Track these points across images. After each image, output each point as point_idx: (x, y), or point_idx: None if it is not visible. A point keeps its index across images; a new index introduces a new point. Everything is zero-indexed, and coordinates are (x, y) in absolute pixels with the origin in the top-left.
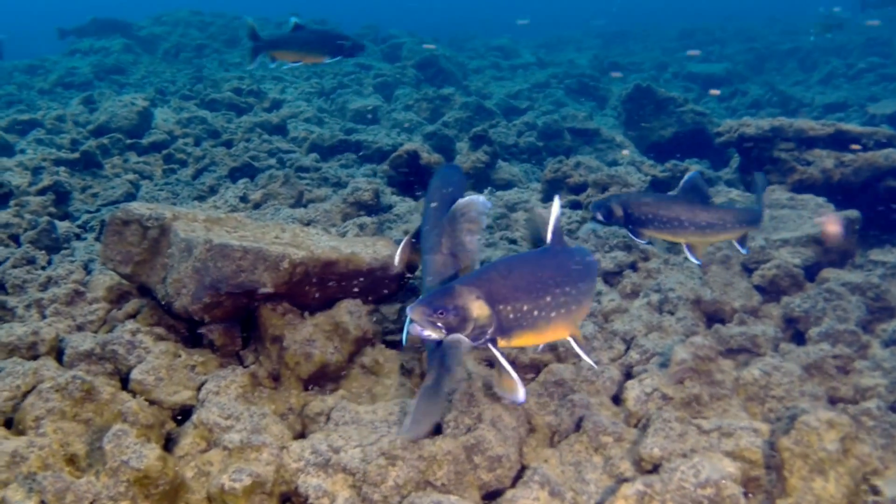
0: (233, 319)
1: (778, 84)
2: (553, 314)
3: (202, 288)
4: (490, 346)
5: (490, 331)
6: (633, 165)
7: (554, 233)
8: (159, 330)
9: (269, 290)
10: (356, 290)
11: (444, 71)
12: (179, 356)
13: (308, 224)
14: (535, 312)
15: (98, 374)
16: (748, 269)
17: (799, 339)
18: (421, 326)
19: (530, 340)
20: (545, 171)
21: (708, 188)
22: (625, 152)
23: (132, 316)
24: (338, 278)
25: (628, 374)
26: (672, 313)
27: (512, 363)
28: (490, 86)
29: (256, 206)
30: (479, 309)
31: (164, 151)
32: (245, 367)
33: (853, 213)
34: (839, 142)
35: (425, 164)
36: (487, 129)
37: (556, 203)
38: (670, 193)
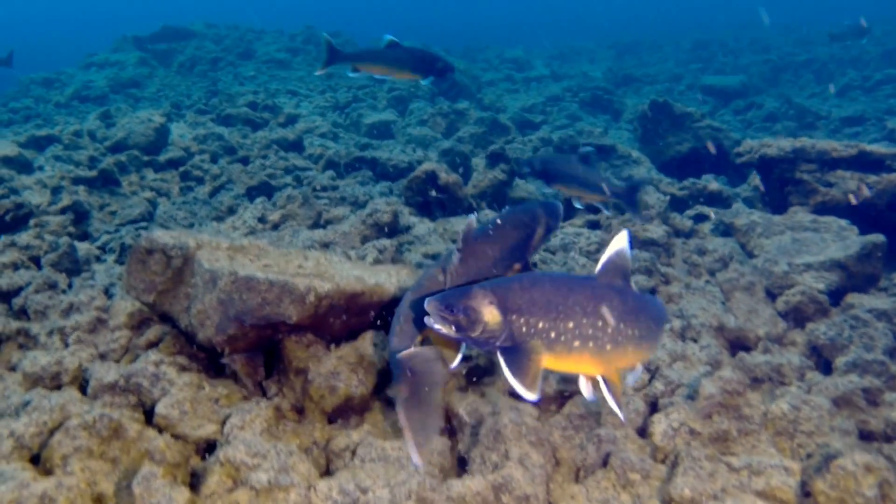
0: (256, 349)
1: (794, 97)
2: (576, 343)
3: (227, 320)
4: (498, 353)
5: (500, 339)
6: (651, 184)
7: (605, 265)
8: (182, 359)
9: (293, 322)
10: (380, 320)
11: (458, 84)
12: (203, 388)
13: (327, 246)
14: (553, 334)
15: (122, 405)
16: (772, 295)
17: (825, 367)
18: (433, 320)
19: (545, 362)
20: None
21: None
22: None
23: (154, 343)
24: (362, 309)
25: (653, 406)
26: (695, 341)
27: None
28: (504, 99)
29: (275, 226)
30: (490, 314)
31: (181, 168)
32: (268, 398)
33: (879, 238)
34: (862, 163)
35: (443, 184)
36: (504, 147)
37: (622, 236)
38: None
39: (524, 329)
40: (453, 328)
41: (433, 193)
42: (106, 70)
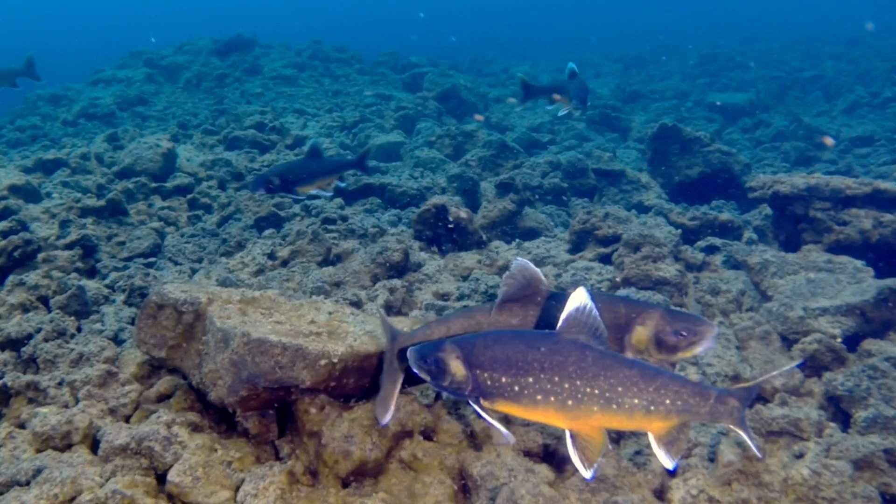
0: (268, 408)
1: (802, 114)
2: (539, 397)
3: (239, 381)
4: (471, 402)
5: (467, 390)
6: (661, 214)
7: (566, 321)
8: (193, 416)
9: (307, 386)
10: None
11: (465, 102)
12: (216, 451)
13: (338, 286)
14: (517, 388)
15: (134, 469)
16: (787, 341)
17: (843, 417)
18: (413, 367)
19: (516, 412)
20: (573, 222)
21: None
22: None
23: (165, 396)
24: (375, 369)
25: None
26: None
27: (551, 454)
28: (511, 117)
29: (284, 263)
30: (455, 368)
31: (189, 196)
32: (280, 458)
33: None
34: (877, 201)
35: (454, 218)
36: (514, 177)
37: (580, 292)
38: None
39: (489, 383)
40: (428, 377)
41: (443, 230)
42: (113, 87)
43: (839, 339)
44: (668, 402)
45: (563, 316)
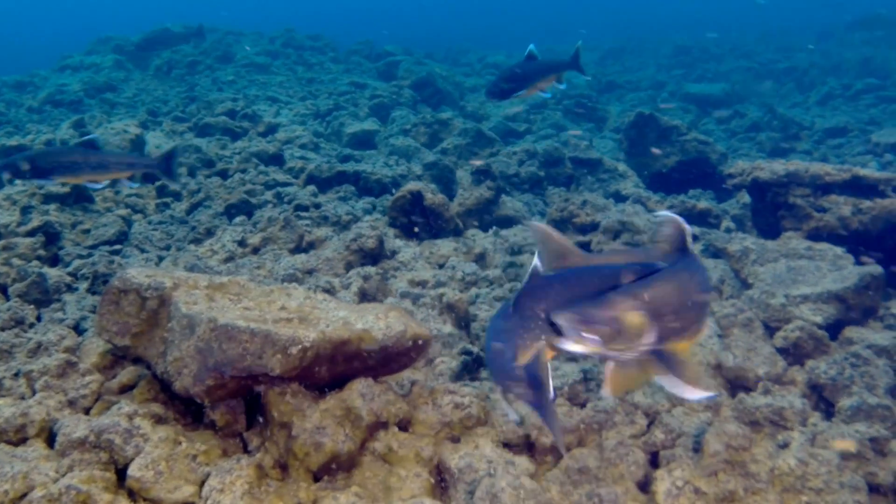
0: (236, 398)
1: (776, 105)
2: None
3: (205, 370)
4: (650, 359)
5: (648, 343)
6: (639, 202)
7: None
8: (157, 407)
9: (276, 374)
10: (367, 367)
11: (440, 91)
12: (180, 443)
13: (310, 273)
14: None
15: (93, 463)
16: (769, 329)
17: (825, 405)
18: (570, 336)
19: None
20: (551, 210)
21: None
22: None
23: (128, 387)
24: (348, 357)
25: (653, 456)
26: None
27: (531, 445)
28: (487, 106)
29: (255, 250)
30: (636, 319)
31: (157, 183)
32: (249, 451)
33: (877, 270)
34: (856, 187)
35: (429, 205)
36: (490, 164)
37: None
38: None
39: (667, 328)
40: (594, 342)
41: (419, 219)
42: (81, 73)
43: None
44: None
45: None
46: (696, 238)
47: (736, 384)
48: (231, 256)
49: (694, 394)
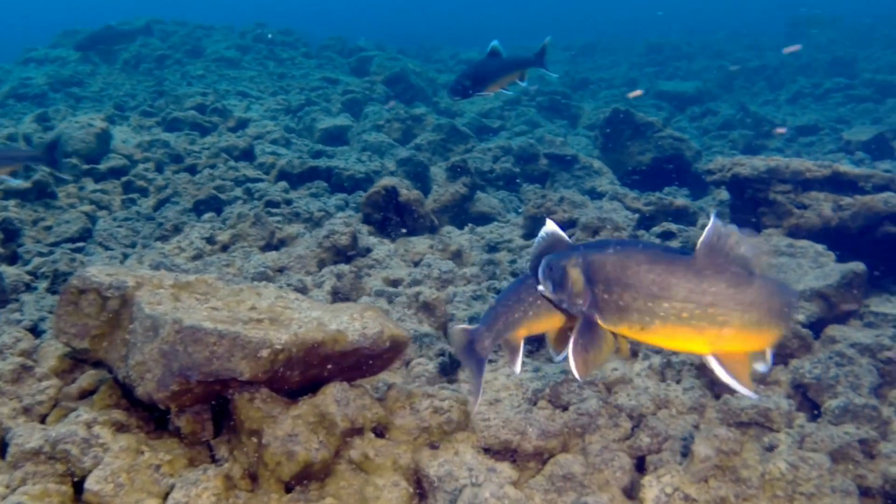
0: (203, 404)
1: (748, 103)
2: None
3: (169, 374)
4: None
5: (583, 305)
6: (616, 199)
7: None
8: (118, 414)
9: (245, 379)
10: (342, 370)
11: (413, 87)
12: (142, 453)
13: (281, 271)
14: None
15: (48, 476)
16: None
17: (810, 405)
18: (539, 276)
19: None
20: (528, 206)
21: None
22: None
23: (88, 392)
24: (322, 360)
25: (640, 461)
26: (677, 381)
27: (513, 451)
28: (461, 102)
29: (224, 247)
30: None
31: (124, 178)
32: (216, 460)
33: (859, 267)
34: (836, 184)
35: (404, 201)
36: (466, 160)
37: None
38: None
39: (602, 298)
40: (547, 287)
41: (393, 213)
42: (45, 66)
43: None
44: None
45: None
46: (674, 235)
47: (721, 385)
48: (199, 254)
49: (569, 365)
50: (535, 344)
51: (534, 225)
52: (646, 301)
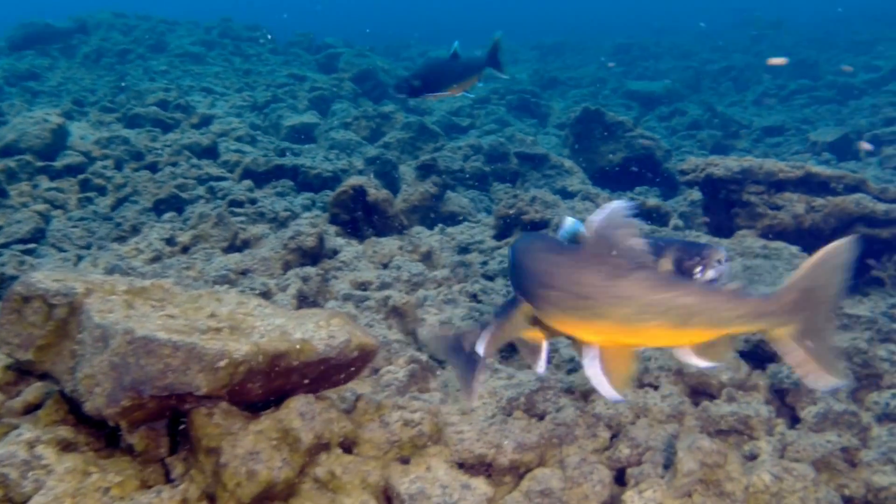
0: (157, 420)
1: (715, 104)
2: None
3: (120, 389)
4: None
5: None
6: (588, 199)
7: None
8: (65, 431)
9: (203, 394)
10: (307, 381)
11: (382, 84)
12: (90, 475)
13: (244, 274)
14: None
15: None
16: None
17: (787, 411)
18: None
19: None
20: (499, 206)
21: None
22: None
23: (34, 407)
24: (286, 371)
25: (620, 474)
26: (655, 387)
27: (488, 465)
28: (429, 100)
29: (185, 249)
30: None
31: (80, 176)
32: (172, 480)
33: None
34: (808, 185)
35: (373, 200)
36: (436, 158)
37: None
38: None
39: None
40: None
41: (361, 214)
42: (0, 60)
43: None
44: None
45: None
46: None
47: (698, 391)
48: (158, 256)
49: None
50: (509, 349)
51: (505, 225)
52: (536, 288)
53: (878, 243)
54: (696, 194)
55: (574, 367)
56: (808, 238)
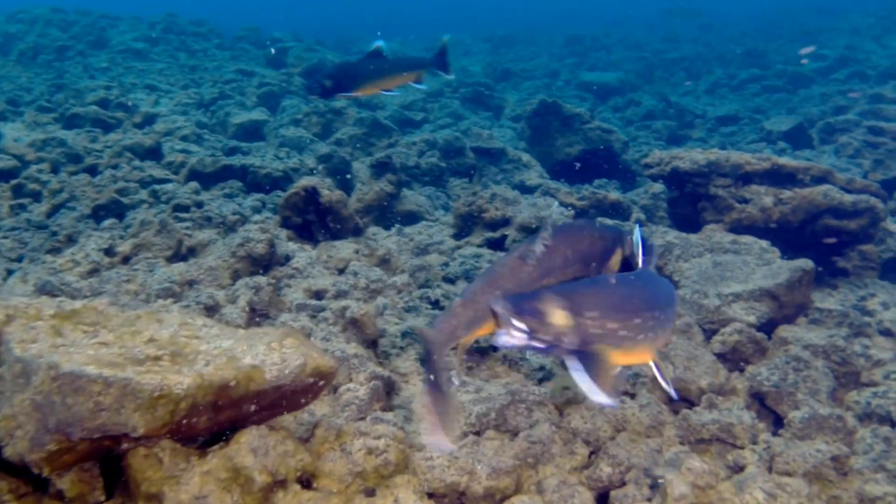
0: (89, 462)
1: (669, 94)
2: (640, 337)
3: (45, 431)
4: (568, 357)
5: (569, 342)
6: (549, 194)
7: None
8: None
9: (140, 435)
10: (259, 409)
11: None
12: None
13: (190, 285)
14: (623, 332)
15: None
16: (703, 331)
17: (767, 413)
18: (502, 323)
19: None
20: (458, 204)
21: None
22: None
23: None
24: (236, 402)
25: (603, 497)
26: (632, 396)
27: (461, 494)
28: (381, 95)
29: (125, 259)
30: (560, 317)
31: (13, 182)
32: None
33: (808, 265)
34: (775, 177)
35: (326, 202)
36: (390, 155)
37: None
38: None
39: (594, 330)
40: (522, 333)
41: (314, 216)
42: None
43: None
44: None
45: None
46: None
47: (678, 397)
48: (95, 269)
49: (596, 396)
50: (476, 357)
51: (464, 224)
52: None
53: (845, 234)
54: (657, 186)
55: (545, 375)
56: (777, 231)
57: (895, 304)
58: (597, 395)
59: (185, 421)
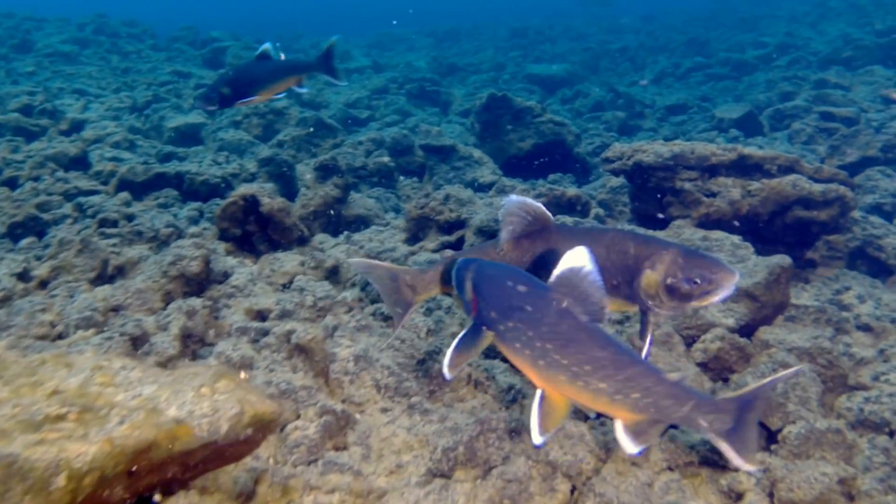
0: None
1: (616, 84)
2: (517, 345)
3: None
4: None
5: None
6: (503, 192)
7: (558, 279)
8: None
9: None
10: (191, 467)
11: None
12: None
13: (116, 311)
14: (501, 327)
15: None
16: (683, 339)
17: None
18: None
19: (504, 352)
20: (410, 207)
21: None
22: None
23: None
24: (158, 466)
25: None
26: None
27: None
28: (325, 93)
29: (43, 284)
30: (468, 288)
31: None
32: None
33: (786, 261)
34: (742, 168)
35: (267, 211)
36: (336, 157)
37: (579, 253)
38: None
39: (484, 313)
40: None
41: (254, 226)
42: None
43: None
44: (635, 396)
45: (555, 272)
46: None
47: None
48: (8, 296)
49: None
50: (436, 382)
51: (417, 228)
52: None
53: (815, 225)
54: (615, 180)
55: (514, 397)
56: (746, 224)
57: (870, 297)
58: (446, 361)
59: (93, 497)
